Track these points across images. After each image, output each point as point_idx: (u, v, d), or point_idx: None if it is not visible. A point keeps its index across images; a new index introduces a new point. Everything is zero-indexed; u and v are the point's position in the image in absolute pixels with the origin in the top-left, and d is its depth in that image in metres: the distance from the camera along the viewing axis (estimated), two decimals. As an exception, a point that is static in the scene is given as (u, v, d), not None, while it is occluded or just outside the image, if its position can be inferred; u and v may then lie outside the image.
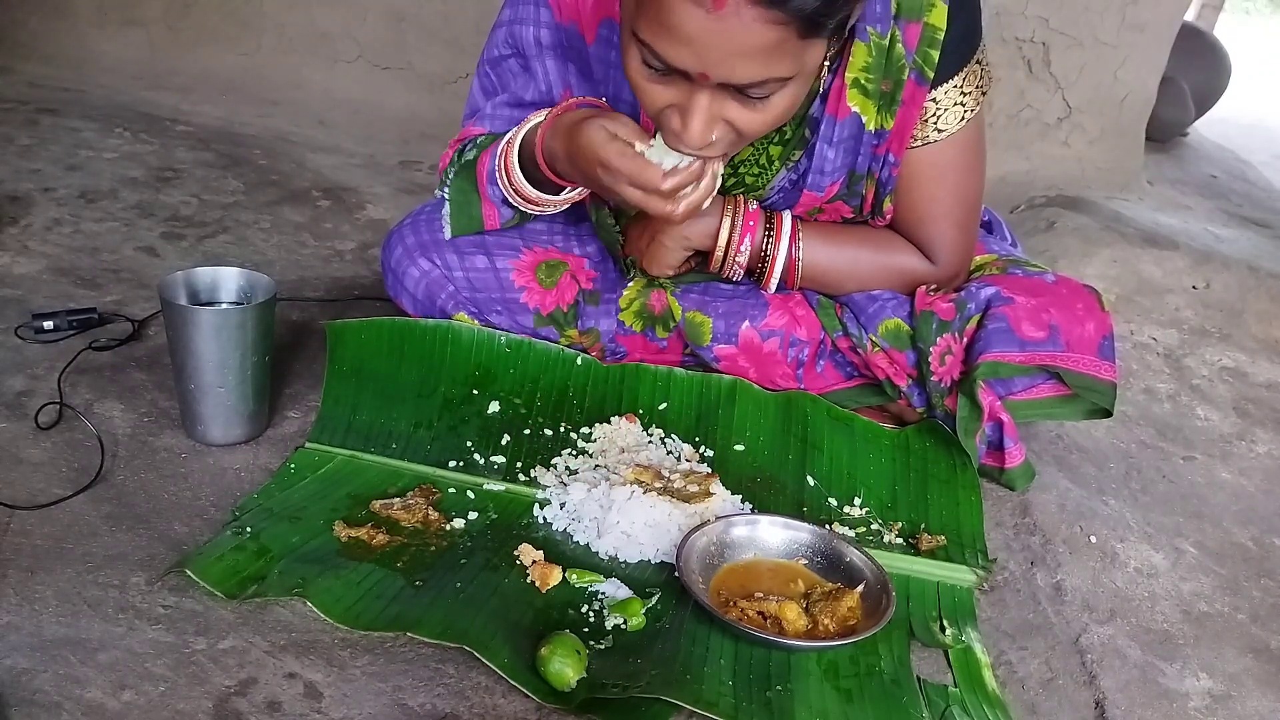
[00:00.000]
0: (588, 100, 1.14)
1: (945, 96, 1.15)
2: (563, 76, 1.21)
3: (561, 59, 1.20)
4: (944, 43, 1.11)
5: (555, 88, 1.21)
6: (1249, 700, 0.96)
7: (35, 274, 1.49)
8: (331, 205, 1.98)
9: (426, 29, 2.81)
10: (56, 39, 2.82)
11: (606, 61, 1.17)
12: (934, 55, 1.11)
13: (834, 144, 1.16)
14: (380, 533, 1.00)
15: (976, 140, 1.21)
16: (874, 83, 1.12)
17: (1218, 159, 3.73)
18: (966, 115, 1.17)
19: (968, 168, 1.21)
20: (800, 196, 1.21)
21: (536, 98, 1.22)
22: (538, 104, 1.21)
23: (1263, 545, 1.25)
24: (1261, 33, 11.13)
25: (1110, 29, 2.73)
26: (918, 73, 1.12)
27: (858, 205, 1.23)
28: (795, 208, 1.23)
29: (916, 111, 1.14)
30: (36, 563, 0.91)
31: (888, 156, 1.17)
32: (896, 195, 1.21)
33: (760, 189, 1.23)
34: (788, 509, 1.12)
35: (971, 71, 1.16)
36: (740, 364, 1.27)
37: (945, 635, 0.97)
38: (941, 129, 1.16)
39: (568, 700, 0.82)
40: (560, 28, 1.18)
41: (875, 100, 1.13)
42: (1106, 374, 1.20)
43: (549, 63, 1.20)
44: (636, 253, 1.27)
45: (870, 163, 1.18)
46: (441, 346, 1.25)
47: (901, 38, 1.10)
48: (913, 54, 1.11)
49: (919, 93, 1.13)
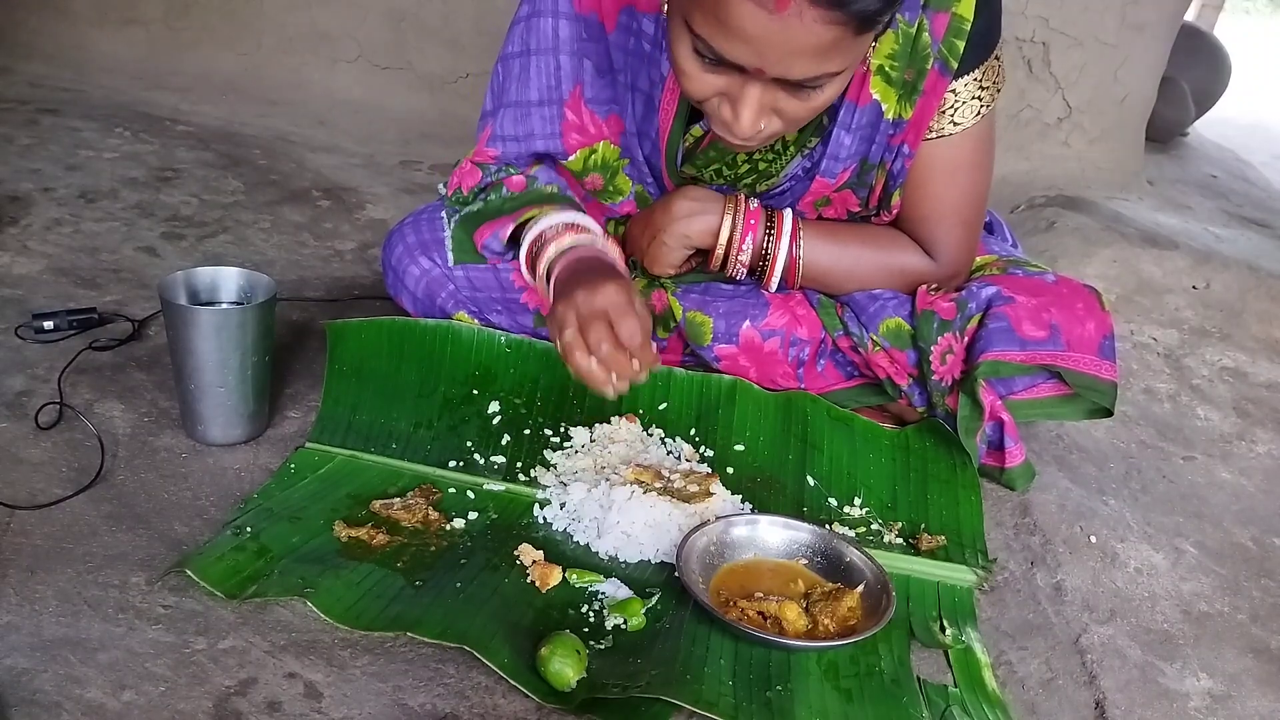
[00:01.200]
0: (599, 256, 1.10)
1: (964, 89, 1.15)
2: (575, 73, 1.19)
3: (576, 55, 1.18)
4: (969, 34, 1.11)
5: (565, 83, 1.19)
6: (1249, 700, 0.96)
7: (35, 274, 1.49)
8: (331, 205, 1.98)
9: (426, 29, 2.81)
10: (56, 39, 2.82)
11: (626, 50, 1.17)
12: (959, 46, 1.11)
13: (851, 130, 1.16)
14: (380, 533, 1.00)
15: (989, 138, 1.21)
16: (898, 70, 1.12)
17: (1218, 159, 3.73)
18: (982, 110, 1.17)
19: (978, 165, 1.21)
20: (811, 184, 1.21)
21: (541, 96, 1.21)
22: (544, 103, 1.20)
23: (1263, 545, 1.25)
24: (1261, 33, 11.13)
25: (1110, 29, 2.73)
26: (941, 63, 1.12)
27: (865, 197, 1.23)
28: (805, 196, 1.22)
29: (936, 102, 1.14)
30: (36, 563, 0.91)
31: (902, 148, 1.17)
32: (906, 189, 1.20)
33: (774, 175, 1.23)
34: (788, 509, 1.12)
35: (990, 67, 1.16)
36: (741, 364, 1.27)
37: (945, 635, 0.97)
38: (958, 122, 1.16)
39: (568, 700, 0.82)
40: (579, 18, 1.17)
41: (897, 88, 1.13)
42: (1107, 374, 1.20)
43: (562, 58, 1.18)
44: (637, 252, 1.27)
45: (884, 153, 1.18)
46: (441, 346, 1.25)
47: (929, 26, 1.10)
48: (939, 43, 1.11)
49: (940, 83, 1.13)
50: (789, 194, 1.25)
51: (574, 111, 1.21)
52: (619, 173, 1.25)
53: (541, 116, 1.21)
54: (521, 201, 1.18)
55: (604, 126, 1.22)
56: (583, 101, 1.21)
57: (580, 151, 1.23)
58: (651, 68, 1.16)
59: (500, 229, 1.18)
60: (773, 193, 1.25)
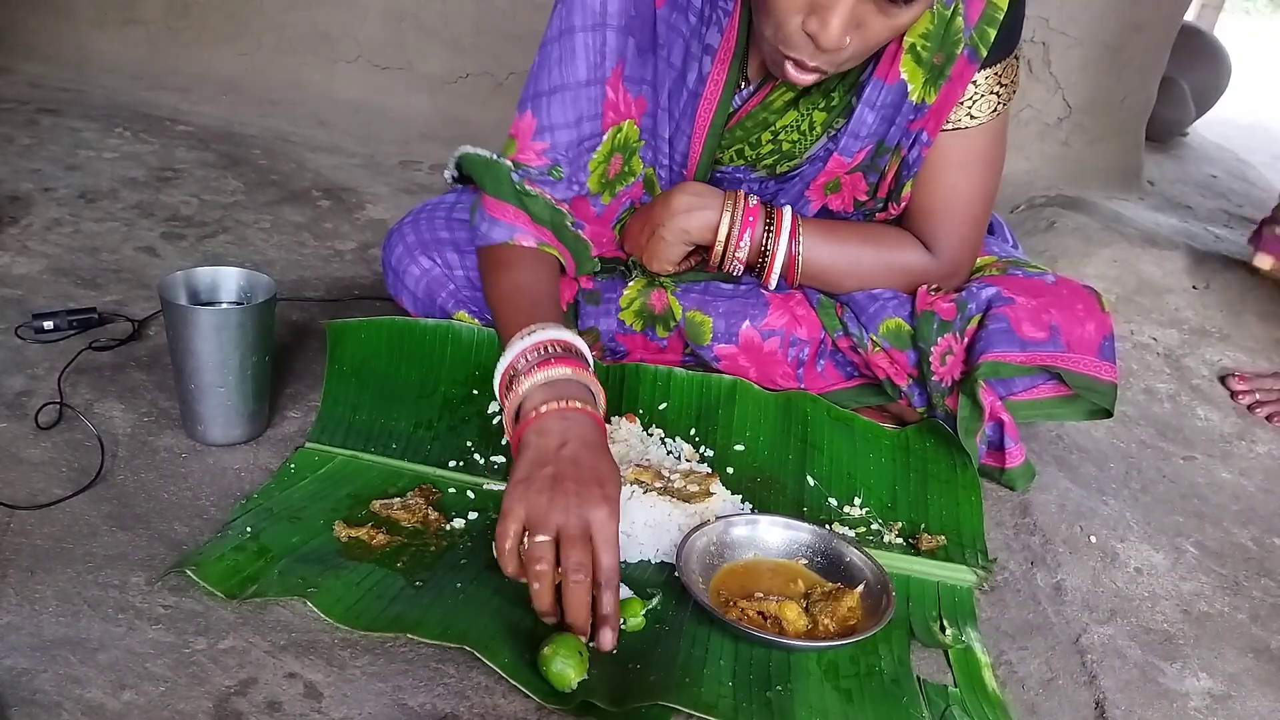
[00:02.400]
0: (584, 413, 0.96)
1: (985, 82, 1.15)
2: (620, 49, 1.16)
3: (623, 31, 1.15)
4: (1001, 24, 1.12)
5: (610, 59, 1.15)
6: (1249, 700, 0.96)
7: (35, 274, 1.49)
8: (331, 205, 1.98)
9: (426, 29, 2.81)
10: (56, 39, 2.82)
11: (669, 24, 1.15)
12: (991, 34, 1.12)
13: (875, 108, 1.16)
14: (380, 533, 1.00)
15: (1002, 135, 1.21)
16: (929, 51, 1.12)
17: (1218, 159, 3.73)
18: (998, 107, 1.17)
19: (991, 160, 1.21)
20: (827, 163, 1.20)
21: (589, 75, 1.16)
22: (590, 82, 1.16)
23: (1263, 545, 1.25)
24: (1261, 33, 11.13)
25: (1110, 29, 2.73)
26: (971, 49, 1.12)
27: (875, 183, 1.23)
28: (818, 177, 1.22)
29: (960, 90, 1.14)
30: (36, 563, 0.91)
31: (920, 134, 1.17)
32: (917, 180, 1.21)
33: (797, 156, 1.22)
34: (788, 509, 1.12)
35: (1010, 64, 1.17)
36: (740, 363, 1.27)
37: (945, 635, 0.97)
38: (975, 115, 1.17)
39: (568, 701, 0.82)
40: None
41: (925, 70, 1.13)
42: (1107, 374, 1.20)
43: (609, 34, 1.15)
44: (636, 249, 1.27)
45: (901, 136, 1.18)
46: (442, 346, 1.25)
47: (964, 11, 1.11)
48: (971, 29, 1.11)
49: (968, 70, 1.13)
50: (799, 178, 1.24)
51: (613, 89, 1.18)
52: (635, 154, 1.24)
53: (589, 97, 1.17)
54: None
55: (632, 106, 1.20)
56: (621, 79, 1.18)
57: (609, 131, 1.20)
58: (693, 41, 1.15)
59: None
60: (789, 174, 1.24)
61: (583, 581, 0.85)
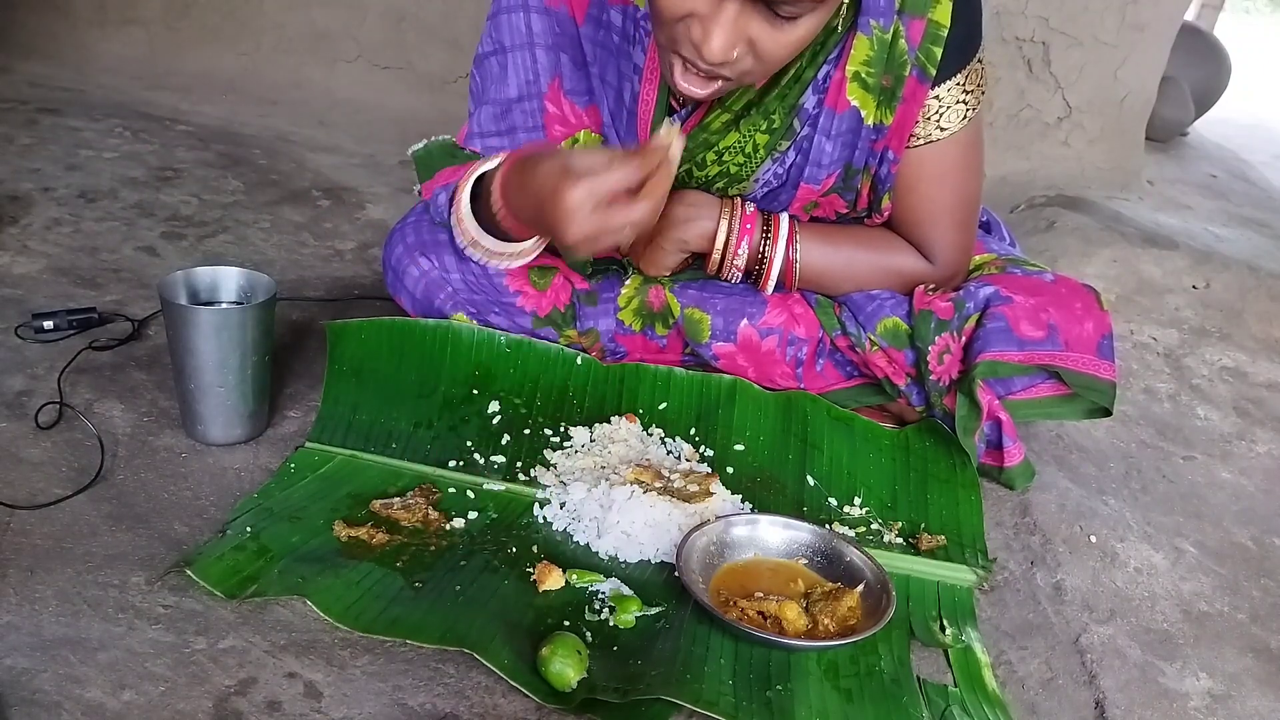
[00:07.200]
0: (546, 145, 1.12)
1: (948, 94, 1.15)
2: (553, 66, 1.20)
3: (552, 49, 1.19)
4: (947, 40, 1.11)
5: (543, 77, 1.20)
6: (1249, 700, 0.96)
7: (35, 274, 1.49)
8: (331, 205, 1.98)
9: (426, 29, 2.81)
10: (56, 39, 2.82)
11: (595, 42, 1.17)
12: (936, 53, 1.11)
13: (832, 137, 1.16)
14: (380, 532, 1.00)
15: (977, 140, 1.21)
16: (875, 77, 1.12)
17: (1218, 159, 3.73)
18: (968, 114, 1.17)
19: (968, 167, 1.21)
20: (796, 191, 1.20)
21: (520, 92, 1.21)
22: (523, 98, 1.21)
23: (1263, 545, 1.25)
24: (1261, 33, 11.13)
25: (1110, 29, 2.73)
26: (919, 69, 1.12)
27: (852, 200, 1.23)
28: (792, 203, 1.23)
29: (917, 108, 1.14)
30: (36, 563, 0.91)
31: (886, 153, 1.17)
32: (896, 195, 1.21)
33: (744, 180, 1.22)
34: (788, 509, 1.12)
35: (974, 70, 1.16)
36: (739, 362, 1.27)
37: (945, 635, 0.97)
38: (944, 127, 1.16)
39: (568, 700, 0.82)
40: (550, 11, 1.18)
41: (875, 95, 1.13)
42: (1106, 373, 1.20)
43: (538, 53, 1.19)
44: (633, 255, 1.27)
45: (868, 158, 1.18)
46: (441, 346, 1.25)
47: (905, 33, 1.10)
48: (915, 50, 1.11)
49: (920, 90, 1.13)
50: (776, 202, 1.25)
51: (554, 103, 1.21)
52: None
53: (523, 111, 1.21)
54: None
55: (584, 116, 1.23)
56: (562, 93, 1.21)
57: (565, 142, 1.23)
58: (621, 60, 1.16)
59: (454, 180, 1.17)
60: (757, 199, 1.25)
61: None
